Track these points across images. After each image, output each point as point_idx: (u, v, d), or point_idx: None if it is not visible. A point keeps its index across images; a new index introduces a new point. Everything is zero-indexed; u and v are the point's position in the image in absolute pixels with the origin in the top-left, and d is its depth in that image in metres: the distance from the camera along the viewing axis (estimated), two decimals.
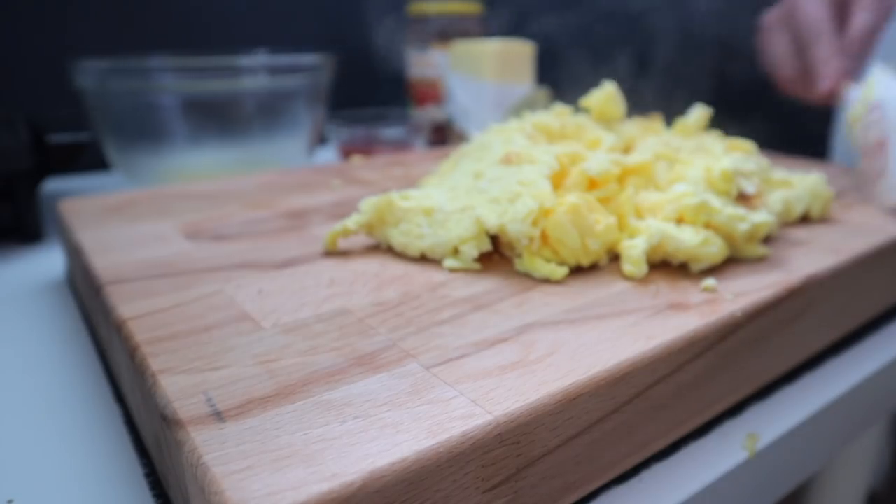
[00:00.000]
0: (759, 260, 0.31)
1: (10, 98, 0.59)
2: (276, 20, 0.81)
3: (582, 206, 0.29)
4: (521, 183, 0.31)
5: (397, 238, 0.31)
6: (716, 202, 0.31)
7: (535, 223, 0.29)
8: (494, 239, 0.31)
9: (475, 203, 0.31)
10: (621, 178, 0.33)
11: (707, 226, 0.30)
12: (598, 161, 0.32)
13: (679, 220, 0.31)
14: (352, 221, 0.31)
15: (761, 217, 0.30)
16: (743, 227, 0.30)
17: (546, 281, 0.28)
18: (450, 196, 0.33)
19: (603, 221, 0.29)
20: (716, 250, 0.29)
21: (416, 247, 0.30)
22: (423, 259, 0.31)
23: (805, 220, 0.36)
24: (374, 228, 0.32)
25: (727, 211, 0.30)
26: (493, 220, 0.29)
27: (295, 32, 0.83)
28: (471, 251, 0.29)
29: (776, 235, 0.34)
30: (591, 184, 0.32)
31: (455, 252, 0.30)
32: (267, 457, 0.17)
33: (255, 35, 0.80)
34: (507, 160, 0.34)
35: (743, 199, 0.34)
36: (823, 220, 0.37)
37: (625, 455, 0.23)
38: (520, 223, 0.28)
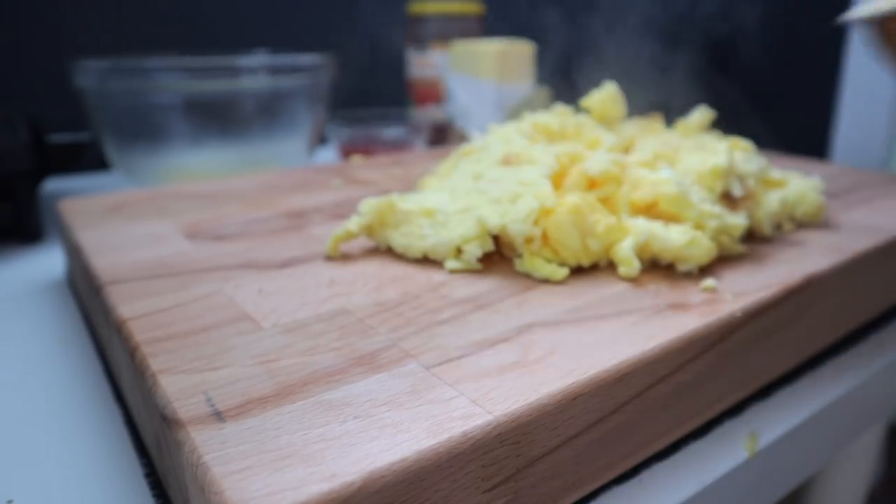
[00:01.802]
0: (758, 260, 0.31)
1: (10, 98, 0.59)
2: (276, 20, 0.82)
3: (583, 207, 0.29)
4: (522, 183, 0.31)
5: (398, 240, 0.31)
6: (695, 196, 0.31)
7: (536, 223, 0.29)
8: (496, 239, 0.31)
9: (476, 204, 0.31)
10: (619, 178, 0.33)
11: (682, 220, 0.30)
12: (599, 161, 0.32)
13: (660, 213, 0.31)
14: (353, 224, 0.31)
15: (736, 219, 0.31)
16: (712, 223, 0.30)
17: (546, 281, 0.28)
18: (450, 198, 0.33)
19: (604, 222, 0.29)
20: (701, 252, 0.29)
21: (417, 248, 0.30)
22: (424, 260, 0.31)
23: (804, 220, 0.36)
24: (374, 231, 0.32)
25: (702, 207, 0.30)
26: (494, 221, 0.29)
27: (295, 32, 0.83)
28: (474, 251, 0.29)
29: (775, 236, 0.34)
30: (591, 184, 0.32)
31: (457, 253, 0.30)
32: (267, 457, 0.17)
33: (255, 35, 0.80)
34: (507, 161, 0.34)
35: (728, 199, 0.34)
36: (823, 220, 0.37)
37: (625, 455, 0.23)
38: (521, 223, 0.28)
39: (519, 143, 0.36)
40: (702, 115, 0.42)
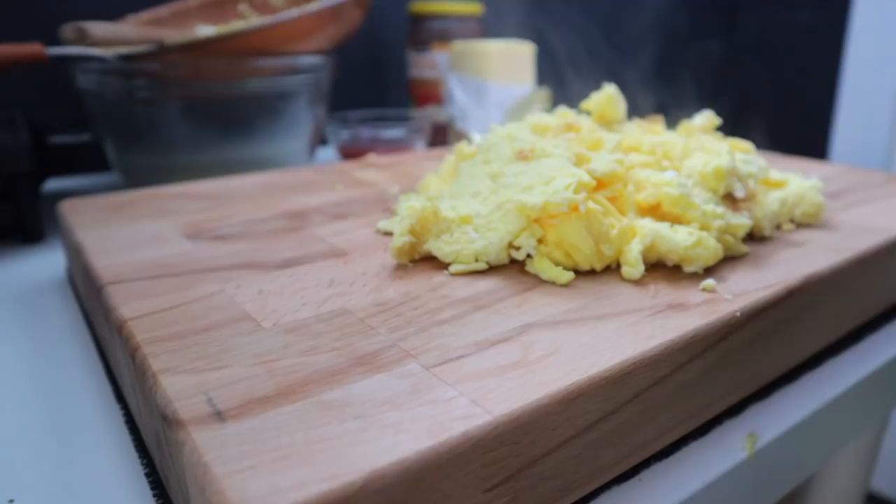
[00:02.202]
0: (758, 260, 0.31)
1: (11, 99, 0.59)
2: None
3: (598, 212, 0.29)
4: (551, 169, 0.30)
5: (444, 248, 0.30)
6: (698, 197, 0.31)
7: (576, 192, 0.29)
8: None
9: (509, 198, 0.30)
10: (624, 178, 0.33)
11: (687, 220, 0.30)
12: (603, 161, 0.32)
13: (665, 215, 0.31)
14: (404, 229, 0.30)
15: (739, 219, 0.31)
16: (717, 223, 0.30)
17: (546, 281, 0.28)
18: (479, 201, 0.32)
19: (617, 226, 0.29)
20: (708, 252, 0.29)
21: (469, 252, 0.29)
22: (424, 259, 0.31)
23: (804, 220, 0.36)
24: (417, 237, 0.30)
25: (706, 207, 0.30)
26: (535, 199, 0.28)
27: None
28: (529, 242, 0.29)
29: (775, 236, 0.35)
30: (598, 184, 0.32)
31: (508, 248, 0.29)
32: (267, 457, 0.17)
33: None
34: (522, 156, 0.33)
35: (731, 199, 0.34)
36: (823, 220, 0.37)
37: (625, 455, 0.23)
38: (563, 193, 0.28)
39: (527, 139, 0.36)
40: (707, 118, 0.42)
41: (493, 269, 0.29)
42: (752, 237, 0.34)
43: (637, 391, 0.22)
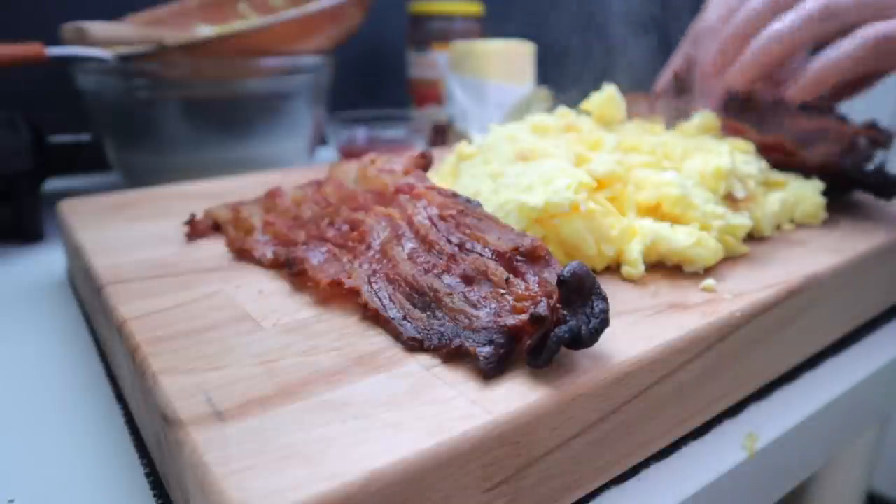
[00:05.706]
0: (758, 260, 0.31)
1: (10, 98, 0.59)
2: None
3: (598, 212, 0.29)
4: (552, 169, 0.30)
5: None
6: (698, 197, 0.31)
7: (577, 192, 0.29)
8: None
9: (510, 197, 0.30)
10: (624, 178, 0.33)
11: (687, 221, 0.30)
12: (603, 161, 0.32)
13: (665, 215, 0.31)
14: None
15: (740, 219, 0.31)
16: (717, 223, 0.30)
17: None
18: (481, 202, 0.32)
19: (617, 226, 0.29)
20: (708, 253, 0.29)
21: None
22: None
23: (804, 220, 0.36)
24: None
25: (706, 207, 0.30)
26: (536, 200, 0.28)
27: None
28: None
29: (775, 236, 0.35)
30: (598, 184, 0.32)
31: None
32: (267, 457, 0.17)
33: None
34: (522, 157, 0.33)
35: (731, 199, 0.34)
36: (822, 220, 0.37)
37: (624, 455, 0.23)
38: (564, 193, 0.28)
39: (528, 140, 0.36)
40: (704, 118, 0.42)
41: None
42: (752, 237, 0.34)
43: (637, 391, 0.22)
